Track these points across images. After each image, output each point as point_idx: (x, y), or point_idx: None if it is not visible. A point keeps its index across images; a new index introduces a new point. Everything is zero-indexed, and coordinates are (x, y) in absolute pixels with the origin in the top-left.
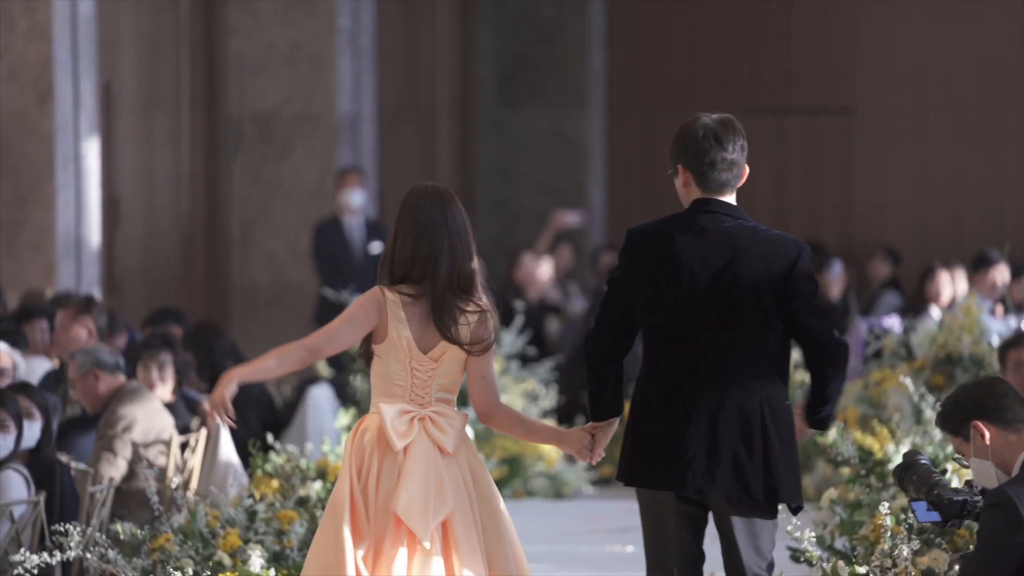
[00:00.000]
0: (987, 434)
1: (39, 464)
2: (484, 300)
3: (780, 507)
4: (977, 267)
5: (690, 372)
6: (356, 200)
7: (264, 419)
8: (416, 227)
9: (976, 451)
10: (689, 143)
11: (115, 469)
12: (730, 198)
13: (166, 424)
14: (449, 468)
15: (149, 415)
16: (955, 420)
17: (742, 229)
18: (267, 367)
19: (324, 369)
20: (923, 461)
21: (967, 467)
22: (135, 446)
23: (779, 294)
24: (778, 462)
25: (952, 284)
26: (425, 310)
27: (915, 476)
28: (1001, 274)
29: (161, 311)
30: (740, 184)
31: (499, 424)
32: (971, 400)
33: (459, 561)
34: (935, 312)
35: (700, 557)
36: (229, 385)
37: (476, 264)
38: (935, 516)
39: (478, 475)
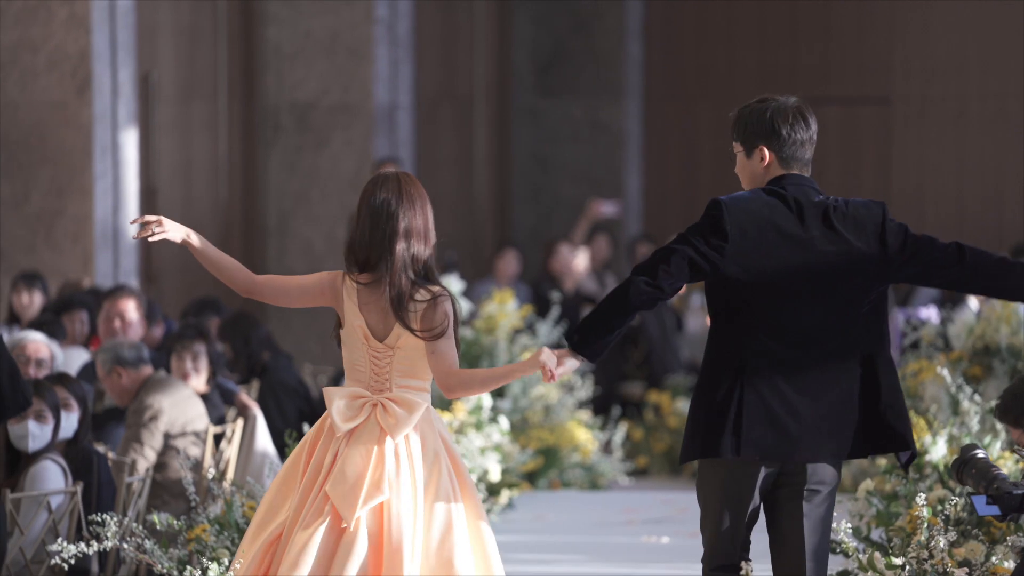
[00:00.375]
0: None
1: (76, 454)
2: (438, 286)
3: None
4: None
5: (792, 341)
6: None
7: (300, 409)
8: (372, 212)
9: None
10: (779, 123)
11: (142, 459)
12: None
13: (197, 412)
14: (394, 456)
15: (176, 404)
16: (1016, 412)
17: (827, 201)
18: (212, 259)
19: None
20: (980, 455)
21: None
22: (166, 436)
23: (877, 256)
24: (889, 416)
25: None
26: (382, 296)
27: (974, 470)
28: None
29: (200, 302)
30: None
31: (459, 390)
32: None
33: (388, 548)
34: (973, 303)
35: (757, 518)
36: (183, 229)
37: (431, 248)
38: (995, 510)
39: (433, 466)
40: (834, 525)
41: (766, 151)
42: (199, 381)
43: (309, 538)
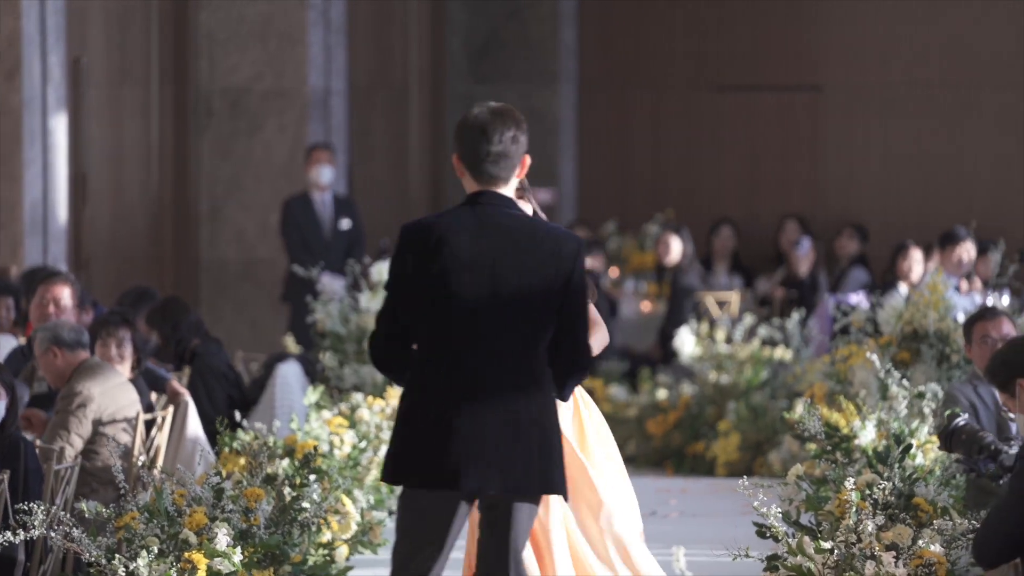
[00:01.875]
0: None
1: (3, 442)
2: None
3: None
4: (944, 244)
5: (473, 371)
6: (325, 177)
7: (230, 396)
8: None
9: (1020, 407)
10: (463, 134)
11: (68, 447)
12: (505, 190)
13: (129, 400)
14: None
15: (107, 391)
16: (1002, 376)
17: (519, 223)
18: None
19: (292, 346)
20: (963, 422)
21: (1012, 420)
22: (96, 424)
23: (557, 291)
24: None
25: (924, 262)
26: None
27: (963, 435)
28: (967, 251)
29: (136, 292)
30: (518, 175)
31: None
32: (1020, 358)
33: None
34: (903, 289)
35: None
36: None
37: None
38: (993, 467)
39: None
40: (764, 510)
41: (458, 162)
42: (124, 368)
43: None
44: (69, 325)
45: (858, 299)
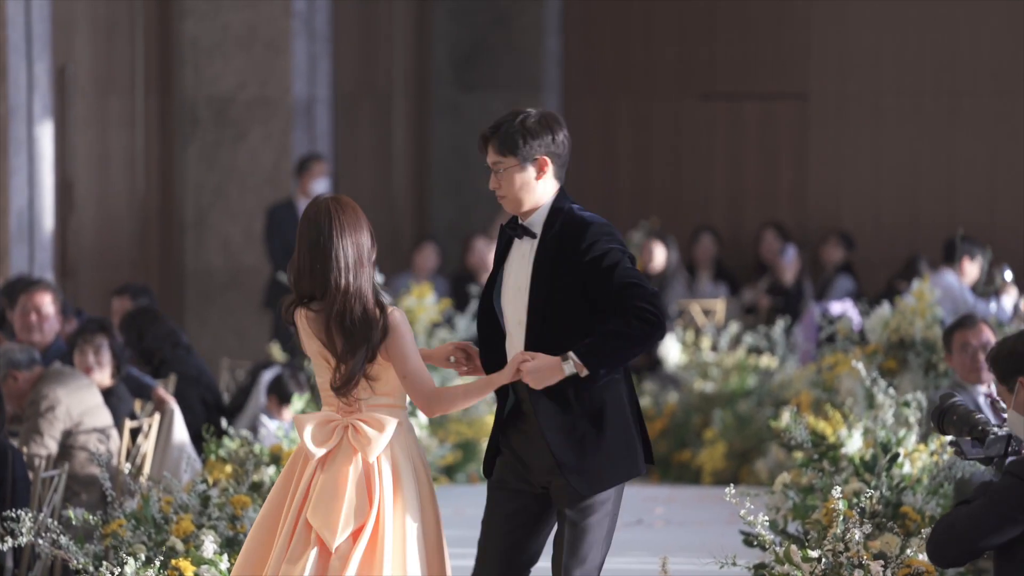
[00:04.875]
0: None
1: None
2: (385, 308)
3: None
4: (955, 257)
5: None
6: (322, 189)
7: (204, 400)
8: (309, 245)
9: (1016, 405)
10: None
11: (44, 449)
12: None
13: (95, 403)
14: (368, 477)
15: (72, 392)
16: (1004, 368)
17: None
18: None
19: (278, 354)
20: (959, 401)
21: (1003, 409)
22: (68, 424)
23: None
24: None
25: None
26: (327, 323)
27: (955, 416)
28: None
29: (135, 288)
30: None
31: (442, 409)
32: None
33: (376, 570)
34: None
35: None
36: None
37: (365, 274)
38: (980, 451)
39: (400, 483)
40: (751, 518)
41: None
42: (103, 375)
43: (300, 571)
44: (19, 347)
45: (843, 308)
